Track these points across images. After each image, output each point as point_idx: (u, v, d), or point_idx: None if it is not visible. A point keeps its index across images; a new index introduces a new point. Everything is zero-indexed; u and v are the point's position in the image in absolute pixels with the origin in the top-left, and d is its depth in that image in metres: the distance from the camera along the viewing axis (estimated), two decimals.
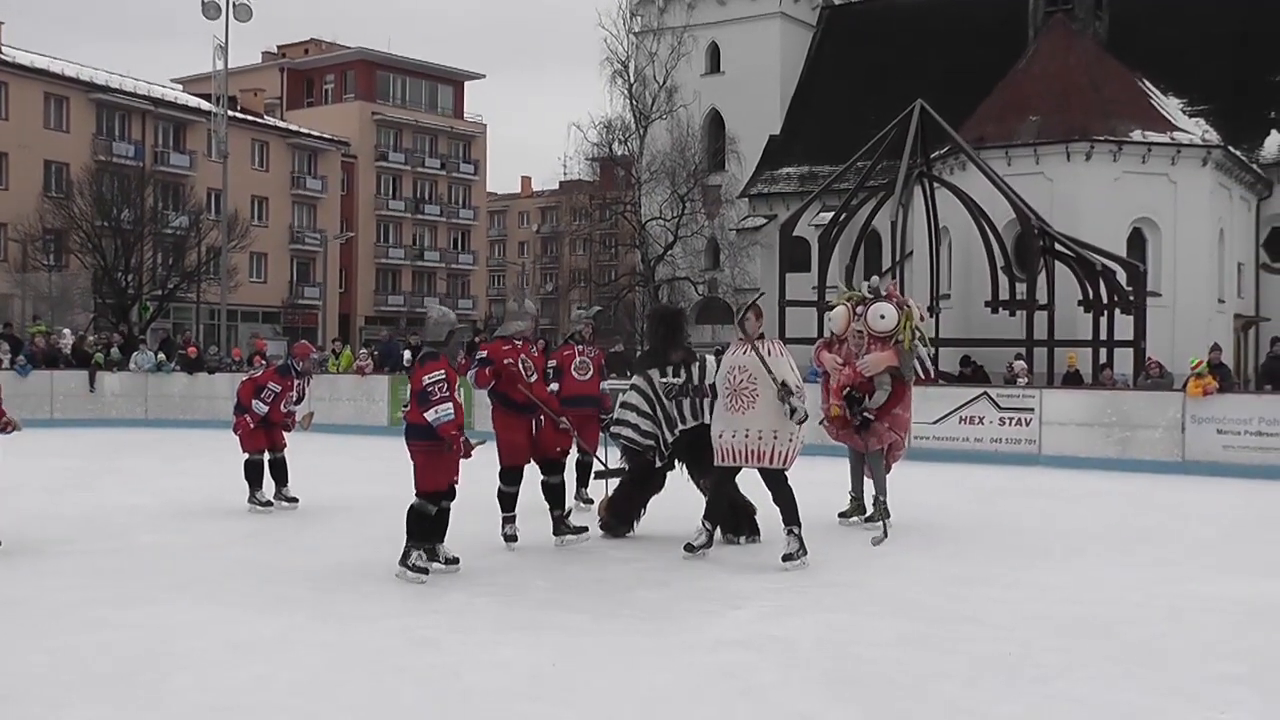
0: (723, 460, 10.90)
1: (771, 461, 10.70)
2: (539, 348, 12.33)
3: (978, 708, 6.54)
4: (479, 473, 10.89)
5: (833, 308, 13.95)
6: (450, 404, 9.83)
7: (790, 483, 10.82)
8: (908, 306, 13.41)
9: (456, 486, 10.24)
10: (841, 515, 13.43)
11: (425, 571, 9.82)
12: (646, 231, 58.94)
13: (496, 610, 8.84)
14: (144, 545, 11.69)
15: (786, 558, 10.58)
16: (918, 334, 13.33)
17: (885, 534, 12.07)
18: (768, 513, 11.16)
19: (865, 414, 12.98)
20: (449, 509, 10.23)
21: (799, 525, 10.73)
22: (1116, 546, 12.51)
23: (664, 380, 11.77)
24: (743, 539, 11.75)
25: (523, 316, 12.06)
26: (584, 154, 61.94)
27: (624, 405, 12.43)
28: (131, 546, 11.60)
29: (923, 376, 14.23)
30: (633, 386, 12.49)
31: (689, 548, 10.93)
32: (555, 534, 11.69)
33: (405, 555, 9.88)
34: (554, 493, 11.79)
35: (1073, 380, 26.49)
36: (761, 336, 10.95)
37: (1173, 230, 46.02)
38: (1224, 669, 7.47)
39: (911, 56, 58.84)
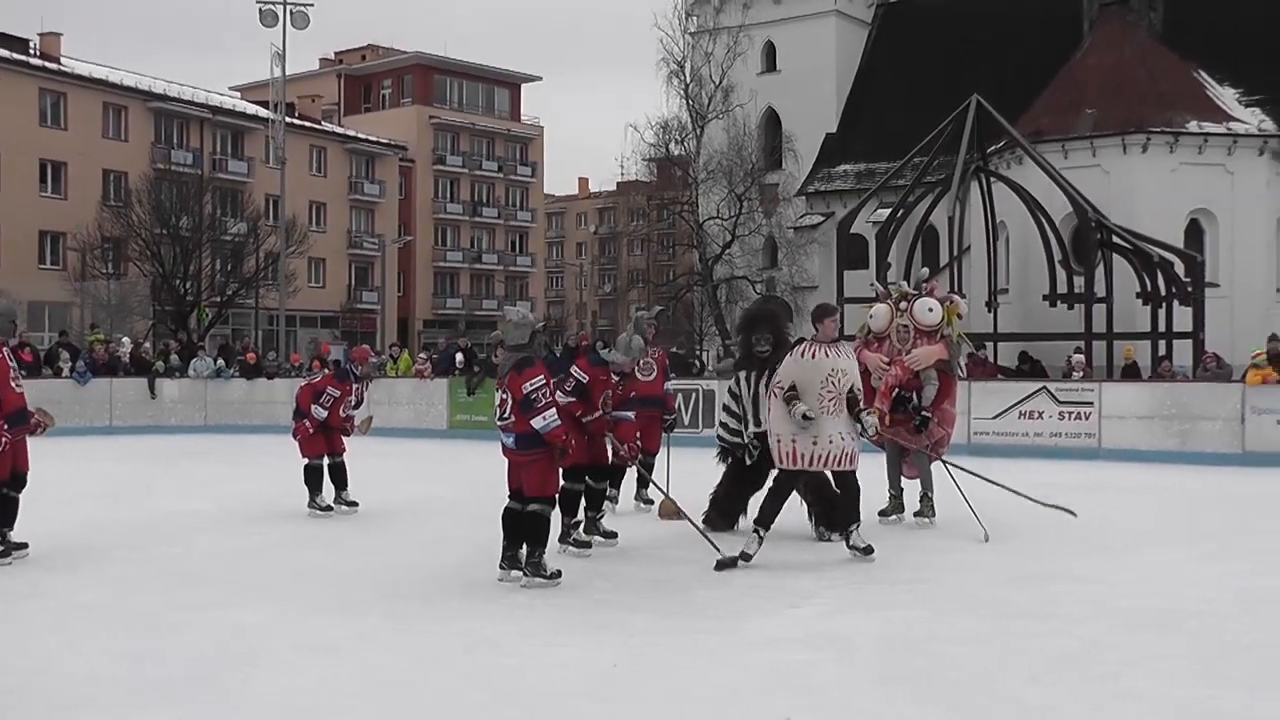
0: (800, 465, 10.73)
1: (851, 464, 10.72)
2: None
3: (1044, 704, 6.46)
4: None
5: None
6: (554, 409, 9.75)
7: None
8: (952, 301, 13.33)
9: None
10: (881, 514, 13.26)
11: (559, 574, 9.75)
12: (704, 231, 58.80)
13: (557, 612, 8.81)
14: (206, 550, 11.71)
15: (868, 550, 10.67)
16: (957, 330, 13.27)
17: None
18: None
19: (924, 413, 12.87)
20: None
21: (859, 521, 10.83)
22: (1178, 540, 12.39)
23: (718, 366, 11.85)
24: (835, 536, 11.50)
25: (633, 352, 11.96)
26: (641, 154, 61.82)
27: (722, 405, 12.75)
28: (193, 551, 11.63)
29: (962, 375, 14.16)
30: (729, 388, 12.72)
31: (745, 556, 10.58)
32: (585, 533, 11.70)
33: (538, 566, 9.71)
34: (595, 497, 11.90)
35: (1131, 373, 26.27)
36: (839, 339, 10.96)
37: (1230, 221, 45.59)
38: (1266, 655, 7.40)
39: (966, 52, 58.53)
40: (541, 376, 9.73)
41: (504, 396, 9.83)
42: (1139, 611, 8.78)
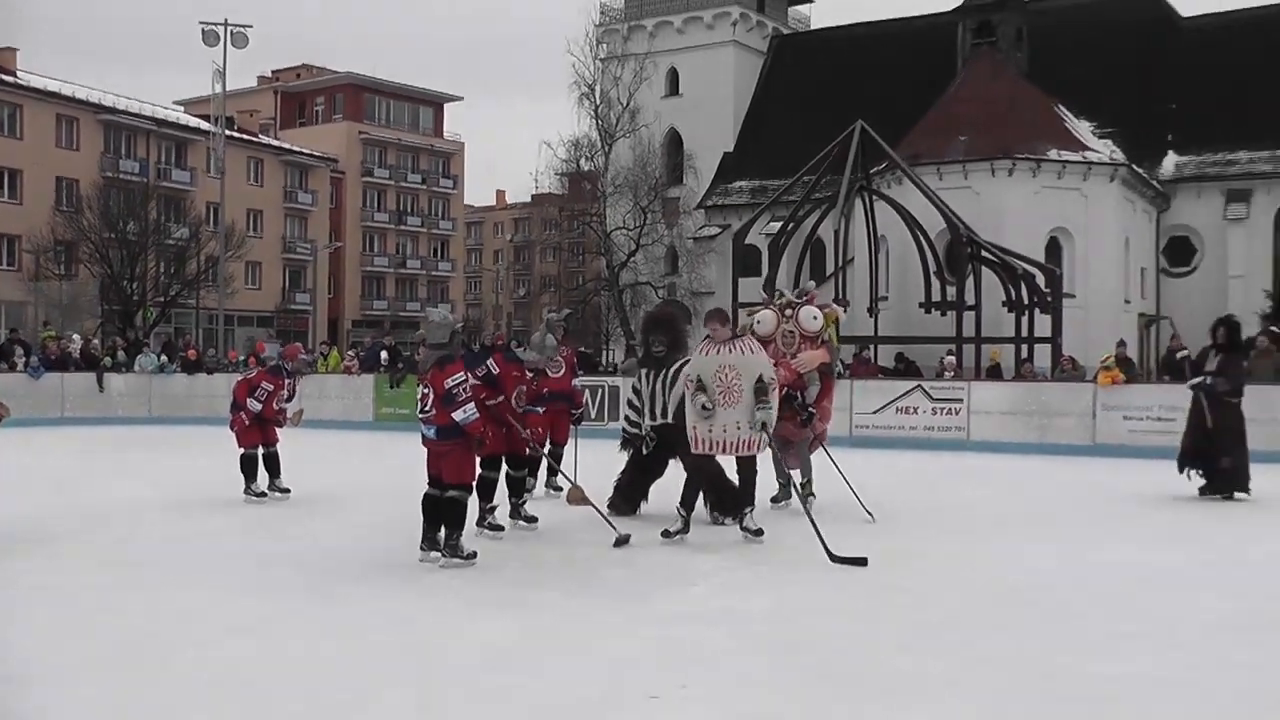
0: (704, 450, 10.84)
1: (750, 449, 10.74)
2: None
3: (911, 668, 6.55)
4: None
5: (753, 311, 13.90)
6: (473, 403, 9.73)
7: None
8: (830, 307, 13.49)
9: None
10: (773, 500, 13.36)
11: (474, 555, 9.71)
12: (611, 240, 58.89)
13: (471, 590, 8.78)
14: (148, 534, 11.55)
15: (758, 533, 10.74)
16: (834, 335, 13.40)
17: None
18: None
19: (810, 410, 12.99)
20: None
21: (753, 506, 10.90)
22: (1035, 521, 12.63)
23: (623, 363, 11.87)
24: (729, 520, 11.54)
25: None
26: (553, 169, 61.86)
27: (626, 401, 12.82)
28: (136, 536, 11.47)
29: (842, 374, 14.34)
30: (632, 384, 12.81)
31: (665, 534, 10.77)
32: (510, 517, 11.72)
33: (455, 548, 9.66)
34: (516, 484, 11.91)
35: (995, 373, 26.62)
36: (735, 336, 10.95)
37: (1085, 238, 46.52)
38: (1126, 627, 7.58)
39: (853, 81, 59.17)
40: (462, 373, 9.72)
41: (426, 391, 9.80)
42: (997, 585, 8.94)
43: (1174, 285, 54.28)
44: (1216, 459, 14.32)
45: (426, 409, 9.78)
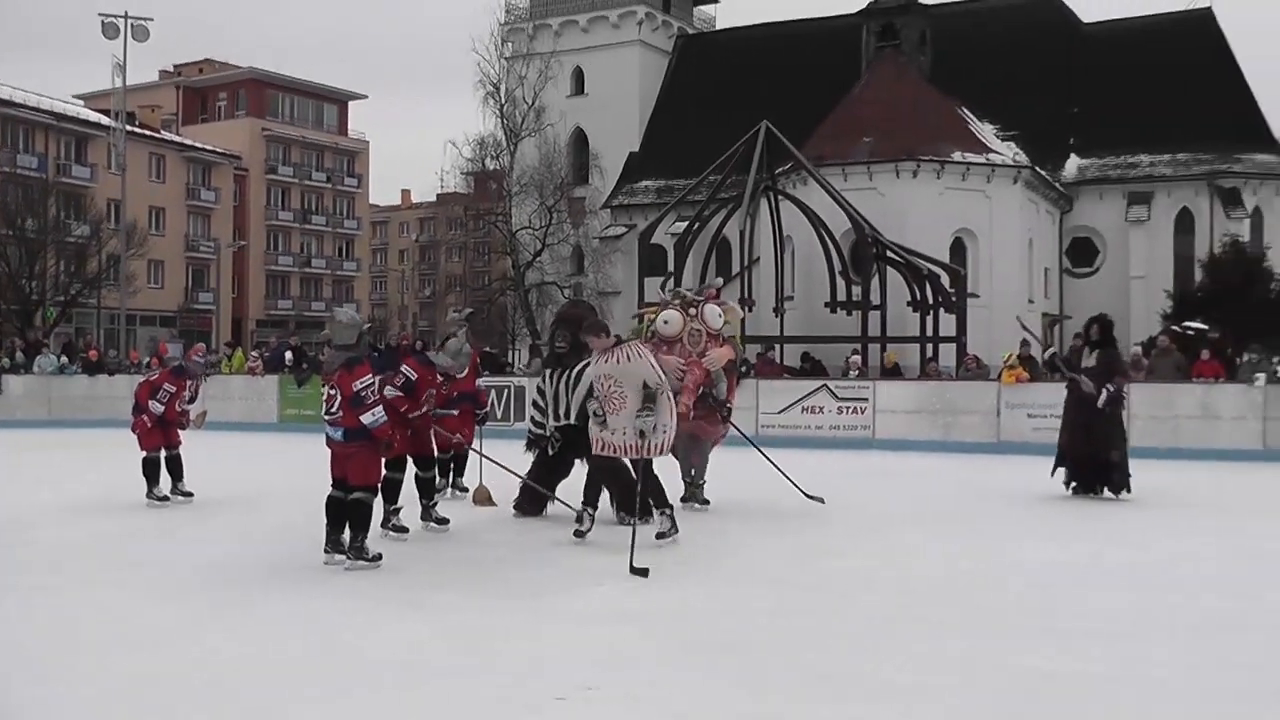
0: (604, 452, 10.80)
1: (647, 453, 10.65)
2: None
3: (822, 664, 6.58)
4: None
5: (655, 312, 13.84)
6: (381, 407, 9.65)
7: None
8: (730, 305, 13.51)
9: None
10: (684, 499, 13.35)
11: (380, 557, 9.62)
12: (517, 240, 58.70)
13: (377, 592, 8.68)
14: (47, 539, 11.31)
15: (660, 535, 10.59)
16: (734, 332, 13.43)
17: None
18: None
19: (728, 405, 13.08)
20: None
21: (669, 507, 10.82)
22: (941, 518, 12.75)
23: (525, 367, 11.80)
24: (632, 520, 11.51)
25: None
26: (459, 169, 61.50)
27: (532, 401, 12.79)
28: (36, 541, 11.22)
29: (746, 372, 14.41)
30: (537, 384, 12.76)
31: (577, 533, 10.77)
32: (422, 519, 11.63)
33: (360, 550, 9.55)
34: (425, 485, 11.82)
35: (892, 374, 26.84)
36: (619, 343, 10.81)
37: (989, 239, 47.10)
38: (1029, 620, 7.69)
39: (758, 82, 59.52)
40: (370, 375, 9.63)
41: (332, 392, 9.68)
42: (905, 581, 9.02)
43: (1077, 285, 55.22)
44: (1104, 455, 14.25)
45: (332, 411, 9.66)
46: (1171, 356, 23.62)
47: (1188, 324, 31.68)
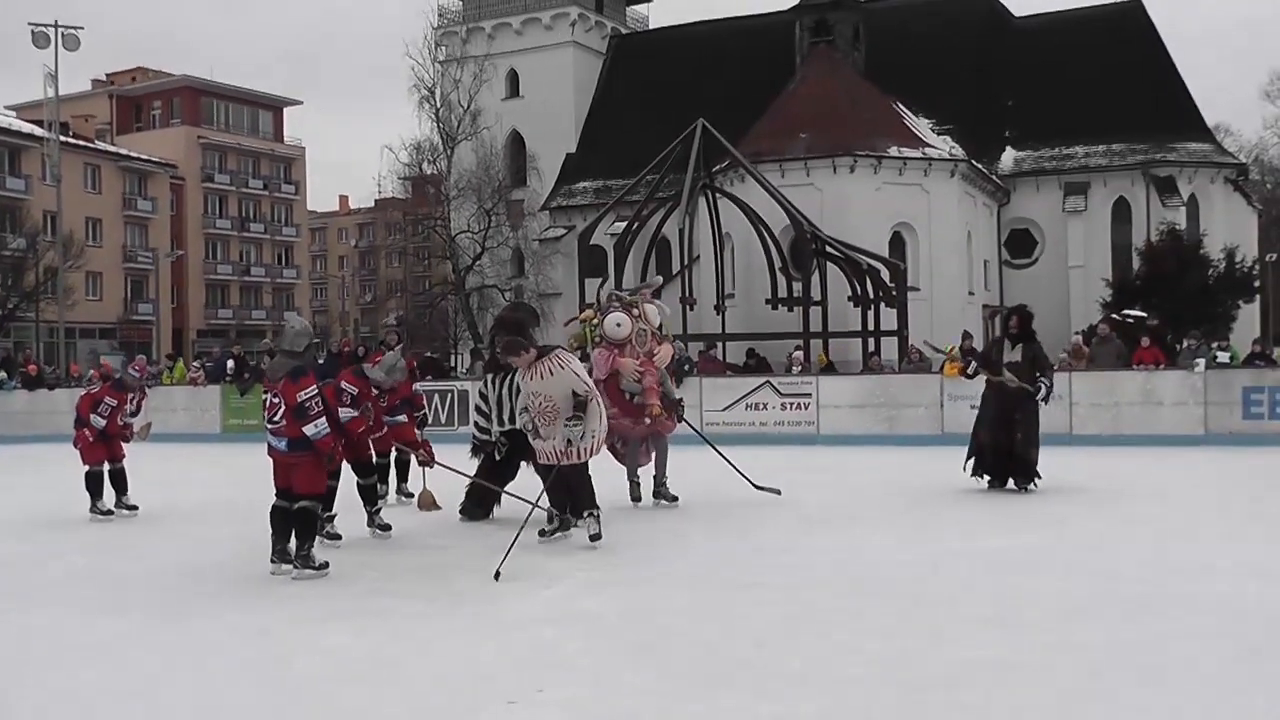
0: (545, 460, 10.92)
1: (578, 458, 10.71)
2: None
3: (767, 664, 6.61)
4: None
5: (584, 321, 13.86)
6: (324, 418, 9.63)
7: (589, 473, 10.87)
8: (654, 303, 13.53)
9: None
10: (635, 500, 13.41)
11: (327, 565, 9.61)
12: (456, 244, 58.59)
13: (326, 600, 8.67)
14: None
15: (594, 537, 10.60)
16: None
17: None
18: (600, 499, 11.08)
19: (681, 403, 13.15)
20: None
21: (598, 509, 10.79)
22: (887, 512, 12.82)
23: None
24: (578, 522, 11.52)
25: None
26: (396, 174, 61.60)
27: (474, 406, 12.75)
28: None
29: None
30: (480, 389, 12.78)
31: (542, 533, 10.89)
32: (367, 526, 11.63)
33: (307, 559, 9.53)
34: (367, 492, 11.79)
35: (829, 371, 26.93)
36: (542, 356, 10.69)
37: (928, 232, 47.40)
38: (975, 611, 7.76)
39: (692, 80, 59.61)
40: (315, 386, 9.61)
41: (275, 400, 9.64)
42: (851, 576, 9.07)
43: (1016, 276, 55.68)
44: (1025, 451, 13.99)
45: (276, 420, 9.62)
46: (1112, 344, 23.87)
47: (1127, 312, 31.98)
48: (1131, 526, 11.50)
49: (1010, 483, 14.17)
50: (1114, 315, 32.55)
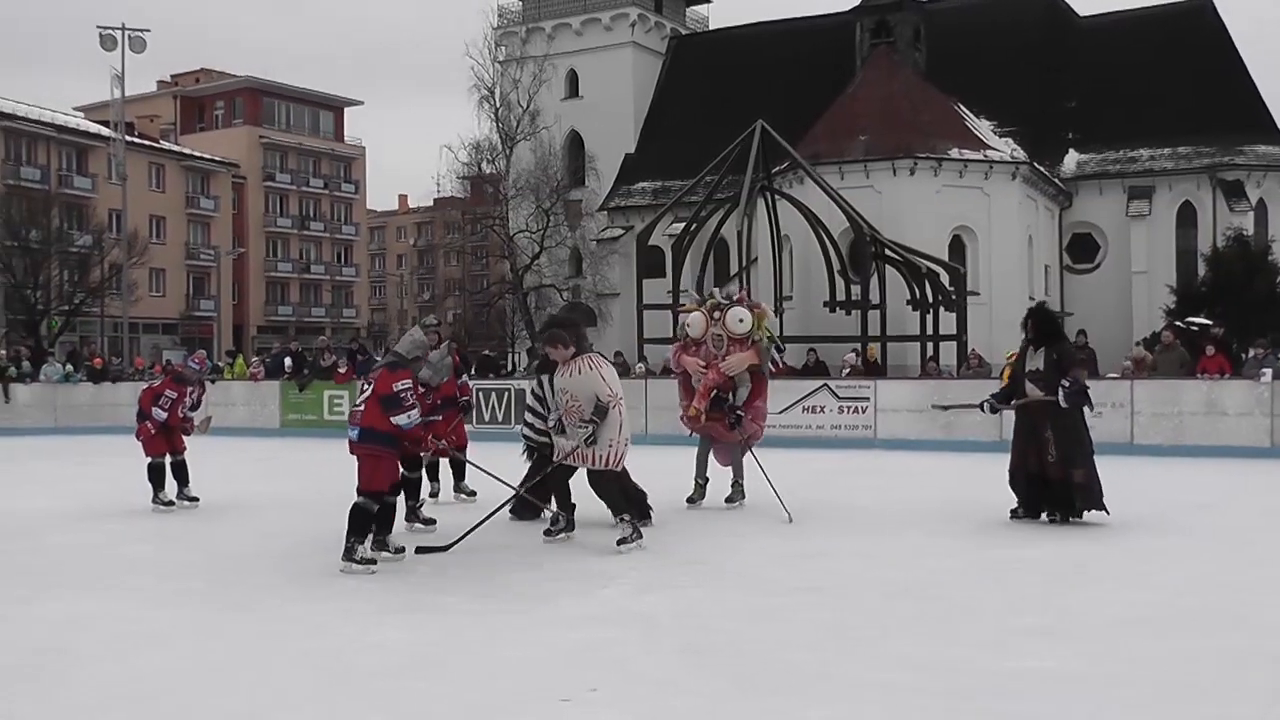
0: (568, 461, 11.02)
1: (594, 464, 10.79)
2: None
3: (819, 669, 6.61)
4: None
5: (688, 313, 13.98)
6: (418, 409, 9.82)
7: (616, 479, 10.93)
8: (760, 308, 13.58)
9: (398, 484, 10.40)
10: (690, 501, 13.48)
11: (373, 562, 9.70)
12: (514, 243, 58.82)
13: (380, 595, 8.76)
14: (55, 544, 11.44)
15: (621, 542, 10.59)
16: (767, 333, 13.47)
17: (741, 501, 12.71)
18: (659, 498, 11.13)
19: (738, 412, 13.15)
20: (394, 504, 10.22)
21: (627, 513, 10.82)
22: (941, 518, 12.77)
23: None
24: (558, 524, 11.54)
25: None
26: (455, 173, 61.73)
27: (527, 406, 13.00)
28: (43, 546, 11.36)
29: (774, 370, 14.44)
30: (532, 389, 12.98)
31: (547, 533, 11.15)
32: (406, 520, 11.85)
33: (349, 551, 9.62)
34: (410, 486, 12.01)
35: (874, 370, 26.76)
36: (576, 355, 10.80)
37: (988, 236, 47.12)
38: (1030, 621, 7.70)
39: (752, 81, 59.54)
40: (409, 380, 9.81)
41: (367, 387, 9.91)
42: (904, 582, 9.05)
43: (1078, 282, 55.19)
44: (1061, 473, 12.08)
45: (357, 404, 9.92)
46: (1175, 352, 23.59)
47: (1191, 319, 31.63)
48: (1190, 539, 11.40)
49: (1061, 517, 12.23)
50: (1178, 323, 32.18)
